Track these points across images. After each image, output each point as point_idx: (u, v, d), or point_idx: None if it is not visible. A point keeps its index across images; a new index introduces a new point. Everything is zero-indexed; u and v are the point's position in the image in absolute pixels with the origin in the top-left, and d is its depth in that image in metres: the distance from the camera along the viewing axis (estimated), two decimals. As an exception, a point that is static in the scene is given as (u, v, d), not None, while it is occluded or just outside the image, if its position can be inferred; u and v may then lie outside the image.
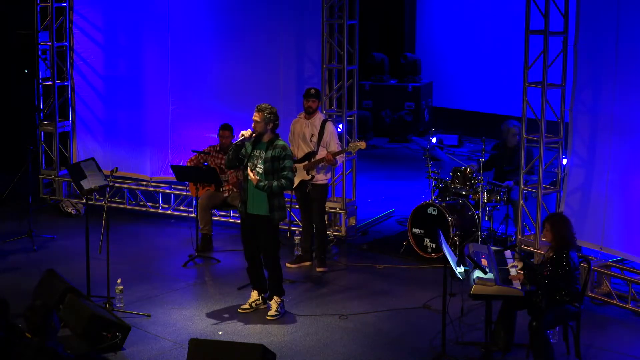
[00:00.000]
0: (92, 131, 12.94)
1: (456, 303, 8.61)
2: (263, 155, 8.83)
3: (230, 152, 8.95)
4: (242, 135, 8.83)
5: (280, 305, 9.11)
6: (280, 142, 8.91)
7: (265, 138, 8.88)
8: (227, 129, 11.14)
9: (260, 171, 8.81)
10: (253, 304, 9.22)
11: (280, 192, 8.91)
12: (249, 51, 11.82)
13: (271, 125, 8.87)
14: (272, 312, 9.08)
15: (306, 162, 10.23)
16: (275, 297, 9.11)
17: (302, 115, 10.45)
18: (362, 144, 10.35)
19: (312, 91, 10.34)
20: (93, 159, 9.66)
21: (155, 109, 12.49)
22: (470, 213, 10.72)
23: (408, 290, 9.87)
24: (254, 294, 9.24)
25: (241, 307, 9.24)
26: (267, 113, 8.80)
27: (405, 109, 17.46)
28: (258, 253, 9.12)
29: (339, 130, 11.31)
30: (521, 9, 10.08)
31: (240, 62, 11.91)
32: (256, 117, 8.82)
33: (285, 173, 8.81)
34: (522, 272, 7.91)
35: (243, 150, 8.95)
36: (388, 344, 8.51)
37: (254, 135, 8.84)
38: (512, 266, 8.04)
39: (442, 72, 17.93)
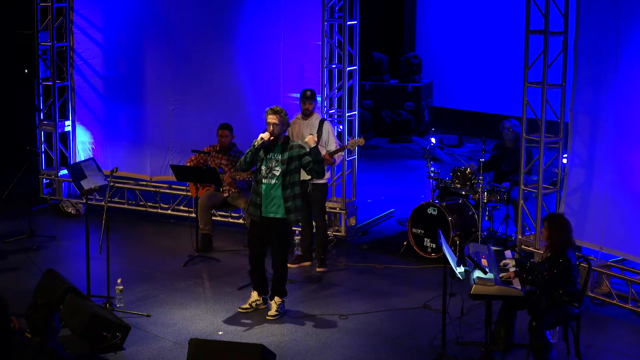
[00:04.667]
0: (92, 131, 12.94)
1: (456, 303, 8.62)
2: (279, 157, 8.87)
3: (248, 155, 8.92)
4: (262, 138, 8.82)
5: (281, 305, 9.12)
6: (295, 143, 9.03)
7: (279, 140, 8.92)
8: (227, 128, 11.15)
9: (278, 174, 8.86)
10: (253, 304, 9.23)
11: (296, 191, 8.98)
12: (249, 51, 11.82)
13: (286, 127, 8.98)
14: (273, 312, 9.09)
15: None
16: (276, 297, 9.13)
17: (300, 115, 10.45)
18: (361, 141, 10.38)
19: (308, 93, 10.34)
20: (93, 159, 9.68)
21: (155, 109, 12.49)
22: (470, 213, 10.72)
23: (408, 290, 9.87)
24: (254, 294, 9.25)
25: (241, 307, 9.26)
26: (283, 115, 8.87)
27: (405, 109, 17.46)
28: (264, 256, 9.15)
29: (339, 129, 11.32)
30: (521, 9, 10.08)
31: (241, 62, 11.90)
32: (274, 119, 8.83)
33: (311, 166, 8.89)
34: (513, 270, 7.90)
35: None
36: (388, 344, 8.51)
37: (272, 138, 8.85)
38: (505, 264, 8.05)
39: (442, 72, 17.92)
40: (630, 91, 9.26)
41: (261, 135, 8.84)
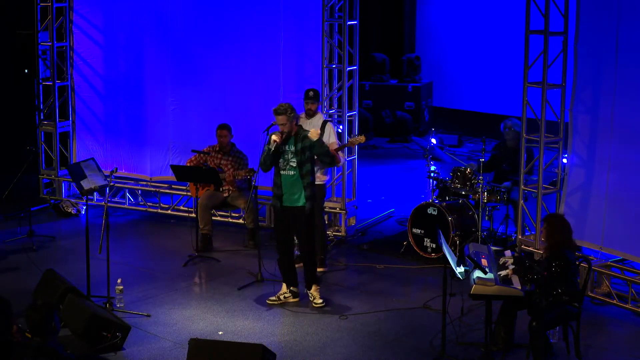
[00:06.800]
0: (92, 131, 12.94)
1: (456, 303, 8.62)
2: (293, 149, 9.05)
3: (268, 159, 9.06)
4: (275, 141, 8.97)
5: (320, 292, 9.34)
6: (307, 132, 9.17)
7: (292, 133, 9.07)
8: (225, 128, 11.16)
9: (294, 165, 9.03)
10: (281, 297, 9.38)
11: (330, 161, 9.31)
12: (249, 51, 11.82)
13: (294, 120, 9.12)
14: (318, 300, 9.28)
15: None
16: (314, 285, 9.31)
17: (303, 115, 10.45)
18: (362, 138, 10.38)
19: (311, 93, 10.35)
20: (93, 159, 9.67)
21: (155, 109, 12.50)
22: (470, 213, 10.72)
23: (408, 290, 9.88)
24: (284, 287, 9.41)
25: (269, 299, 9.38)
26: (289, 113, 9.00)
27: (405, 109, 17.47)
28: (291, 244, 9.36)
29: (340, 130, 11.32)
30: (521, 9, 10.08)
31: (241, 62, 11.90)
32: (281, 120, 8.99)
33: (321, 158, 9.10)
34: (512, 268, 7.91)
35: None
36: (388, 344, 8.51)
37: (284, 136, 9.01)
38: (504, 262, 8.04)
39: (442, 72, 17.93)
40: (630, 91, 9.26)
41: (273, 137, 8.97)
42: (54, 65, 12.71)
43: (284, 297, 9.37)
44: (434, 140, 12.77)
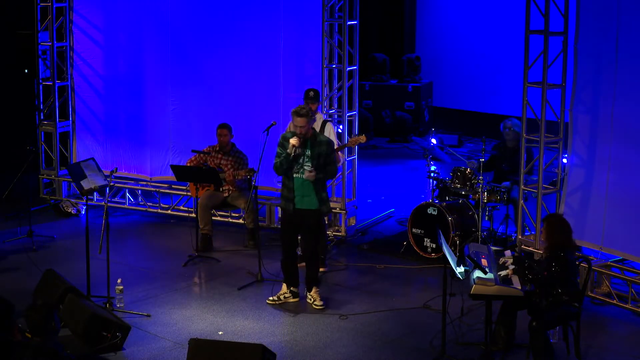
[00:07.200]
0: (92, 131, 12.94)
1: (456, 303, 8.62)
2: (308, 153, 9.00)
3: (286, 163, 9.00)
4: (293, 145, 8.90)
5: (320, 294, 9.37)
6: (324, 138, 9.15)
7: (307, 136, 9.04)
8: (225, 128, 11.16)
9: (309, 169, 8.99)
10: (282, 297, 9.40)
11: (325, 182, 9.26)
12: (249, 51, 11.82)
13: (312, 122, 9.18)
14: (318, 301, 9.28)
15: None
16: (314, 287, 9.32)
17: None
18: (363, 138, 10.40)
19: (311, 93, 10.36)
20: (93, 159, 9.67)
21: (155, 109, 12.50)
22: (470, 213, 10.72)
23: (408, 290, 9.88)
24: (284, 287, 9.42)
25: (269, 298, 9.41)
26: (310, 116, 8.98)
27: (405, 109, 17.48)
28: (295, 246, 9.43)
29: (340, 130, 11.33)
30: (521, 9, 10.08)
31: (241, 62, 11.91)
32: (301, 122, 8.89)
33: (329, 167, 9.09)
34: (512, 268, 7.91)
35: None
36: (388, 344, 8.51)
37: (301, 140, 8.95)
38: (504, 262, 8.04)
39: (442, 72, 17.93)
40: (630, 91, 9.26)
41: (292, 142, 8.89)
42: (54, 65, 12.71)
43: (284, 297, 9.39)
44: (434, 140, 12.78)
